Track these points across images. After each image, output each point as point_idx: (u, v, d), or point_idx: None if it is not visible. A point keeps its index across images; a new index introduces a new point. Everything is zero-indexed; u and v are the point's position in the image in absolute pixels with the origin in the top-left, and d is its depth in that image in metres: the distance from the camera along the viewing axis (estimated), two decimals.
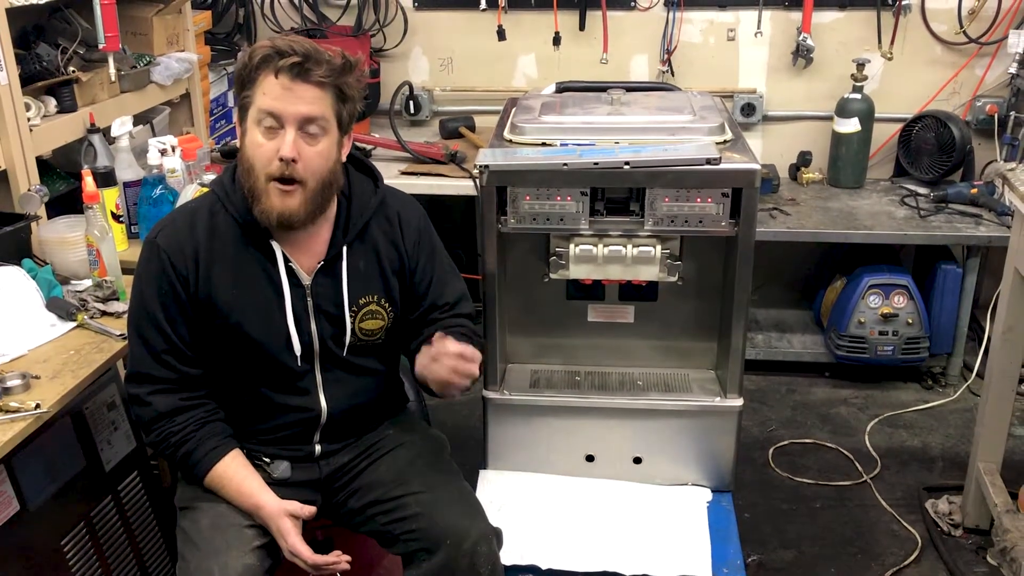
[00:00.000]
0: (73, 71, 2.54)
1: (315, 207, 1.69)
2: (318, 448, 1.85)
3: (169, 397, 1.75)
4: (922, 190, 3.46)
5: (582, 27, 3.60)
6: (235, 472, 1.74)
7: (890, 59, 3.48)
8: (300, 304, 1.76)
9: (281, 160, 1.62)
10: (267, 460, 1.82)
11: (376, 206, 1.82)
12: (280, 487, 1.78)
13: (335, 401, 1.82)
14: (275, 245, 1.74)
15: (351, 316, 1.79)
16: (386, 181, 1.89)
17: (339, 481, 1.87)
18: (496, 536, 1.78)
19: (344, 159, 1.75)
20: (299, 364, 1.78)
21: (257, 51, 1.63)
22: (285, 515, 1.71)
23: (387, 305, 1.83)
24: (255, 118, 1.64)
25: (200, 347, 1.76)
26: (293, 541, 1.69)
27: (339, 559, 1.70)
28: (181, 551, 1.73)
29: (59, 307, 2.04)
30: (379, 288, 1.81)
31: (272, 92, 1.61)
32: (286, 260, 1.74)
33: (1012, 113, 3.42)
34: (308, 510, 1.73)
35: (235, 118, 1.73)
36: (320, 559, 1.69)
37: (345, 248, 1.78)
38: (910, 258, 3.60)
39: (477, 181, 2.09)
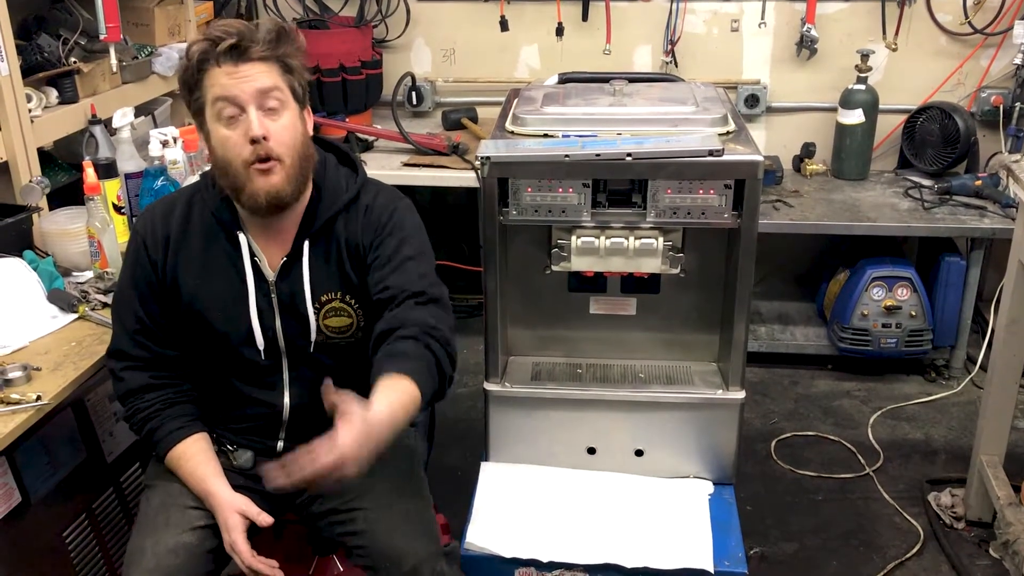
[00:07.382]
0: (74, 62, 2.53)
1: (298, 182, 1.67)
2: (280, 444, 1.82)
3: (141, 375, 1.77)
4: (926, 182, 3.45)
5: (585, 18, 3.59)
6: (194, 455, 1.75)
7: (895, 50, 3.46)
8: (264, 300, 1.74)
9: (253, 142, 1.59)
10: (231, 447, 1.83)
11: (348, 200, 1.76)
12: (243, 476, 1.79)
13: (300, 399, 1.79)
14: (242, 238, 1.73)
15: (314, 313, 1.75)
16: (388, 173, 1.87)
17: None
18: (447, 557, 1.72)
19: (311, 133, 1.72)
20: (263, 359, 1.76)
21: (194, 50, 1.60)
22: (234, 511, 1.69)
23: (352, 302, 1.76)
24: (214, 113, 1.61)
25: (173, 330, 1.77)
26: (236, 537, 1.67)
27: (274, 571, 1.68)
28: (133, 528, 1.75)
29: (60, 299, 2.05)
30: (339, 284, 1.75)
31: (220, 81, 1.59)
32: (252, 254, 1.73)
33: (1017, 104, 3.40)
34: (263, 519, 1.70)
35: (196, 127, 1.70)
36: (257, 563, 1.66)
37: (307, 243, 1.74)
38: (914, 250, 3.59)
39: (479, 172, 2.08)
